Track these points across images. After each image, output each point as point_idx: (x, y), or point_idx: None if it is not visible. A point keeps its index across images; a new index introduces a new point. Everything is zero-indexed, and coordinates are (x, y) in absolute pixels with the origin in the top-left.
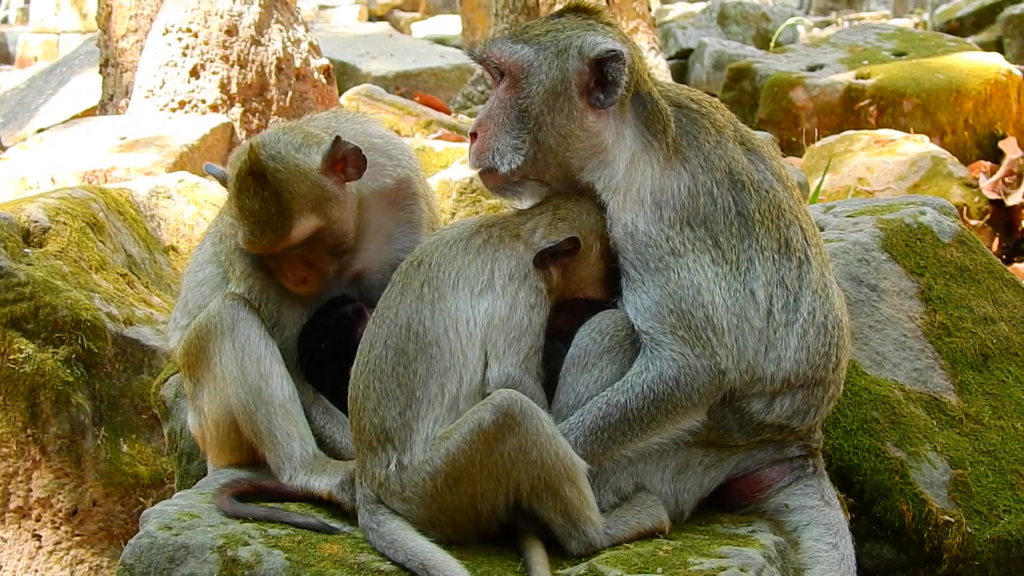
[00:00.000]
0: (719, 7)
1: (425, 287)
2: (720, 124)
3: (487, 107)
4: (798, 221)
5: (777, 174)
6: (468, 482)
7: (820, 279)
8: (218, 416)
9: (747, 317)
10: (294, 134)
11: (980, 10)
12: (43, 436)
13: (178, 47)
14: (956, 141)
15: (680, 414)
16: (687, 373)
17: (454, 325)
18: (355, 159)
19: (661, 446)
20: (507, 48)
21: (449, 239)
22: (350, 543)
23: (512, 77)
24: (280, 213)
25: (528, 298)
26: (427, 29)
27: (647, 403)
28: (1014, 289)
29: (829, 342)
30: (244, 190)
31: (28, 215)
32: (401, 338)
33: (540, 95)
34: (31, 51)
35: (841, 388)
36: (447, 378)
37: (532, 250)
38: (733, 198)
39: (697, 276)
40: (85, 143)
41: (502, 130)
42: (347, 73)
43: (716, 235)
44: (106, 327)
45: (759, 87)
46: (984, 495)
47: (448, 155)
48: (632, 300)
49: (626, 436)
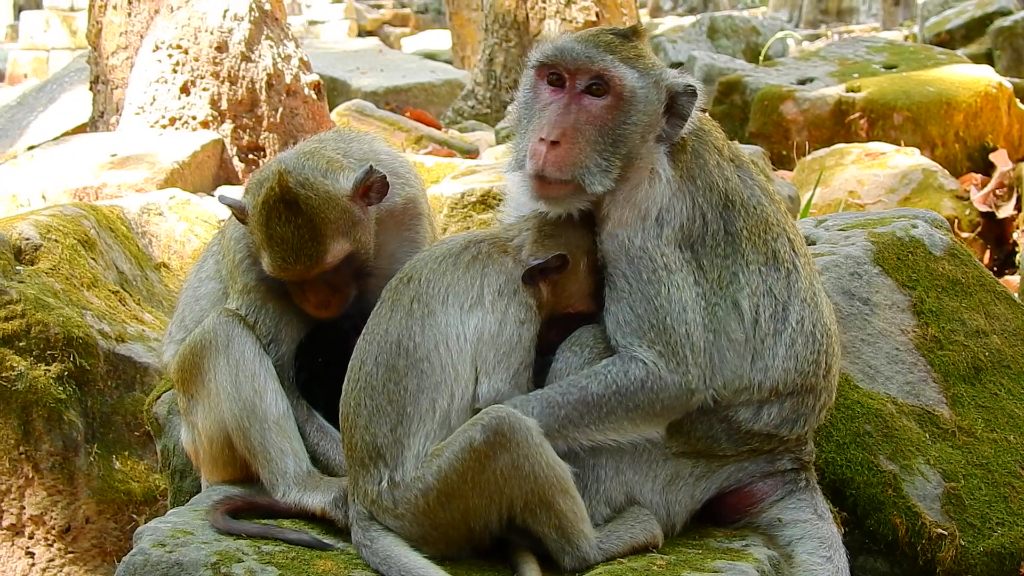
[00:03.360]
0: (709, 21)
1: (415, 303)
2: (719, 144)
3: (568, 115)
4: (785, 233)
5: (764, 188)
6: (460, 499)
7: (809, 288)
8: (212, 432)
9: (727, 332)
10: (316, 159)
11: (970, 23)
12: (36, 453)
13: (168, 64)
14: (947, 154)
15: (639, 416)
16: (655, 381)
17: (444, 341)
18: (380, 186)
19: (620, 446)
20: (620, 68)
21: (438, 255)
22: (344, 559)
23: (617, 98)
24: (313, 239)
25: (518, 314)
26: (417, 44)
27: (608, 392)
28: (1006, 302)
29: (818, 349)
30: (275, 217)
31: (19, 232)
32: (391, 354)
33: (640, 125)
34: (21, 68)
35: (833, 396)
36: (438, 394)
37: (520, 265)
38: (724, 220)
39: (685, 294)
40: (76, 160)
41: (593, 148)
42: (337, 89)
43: (701, 258)
44: (98, 344)
45: (749, 101)
46: (977, 508)
47: (439, 170)
48: (615, 312)
49: (582, 418)
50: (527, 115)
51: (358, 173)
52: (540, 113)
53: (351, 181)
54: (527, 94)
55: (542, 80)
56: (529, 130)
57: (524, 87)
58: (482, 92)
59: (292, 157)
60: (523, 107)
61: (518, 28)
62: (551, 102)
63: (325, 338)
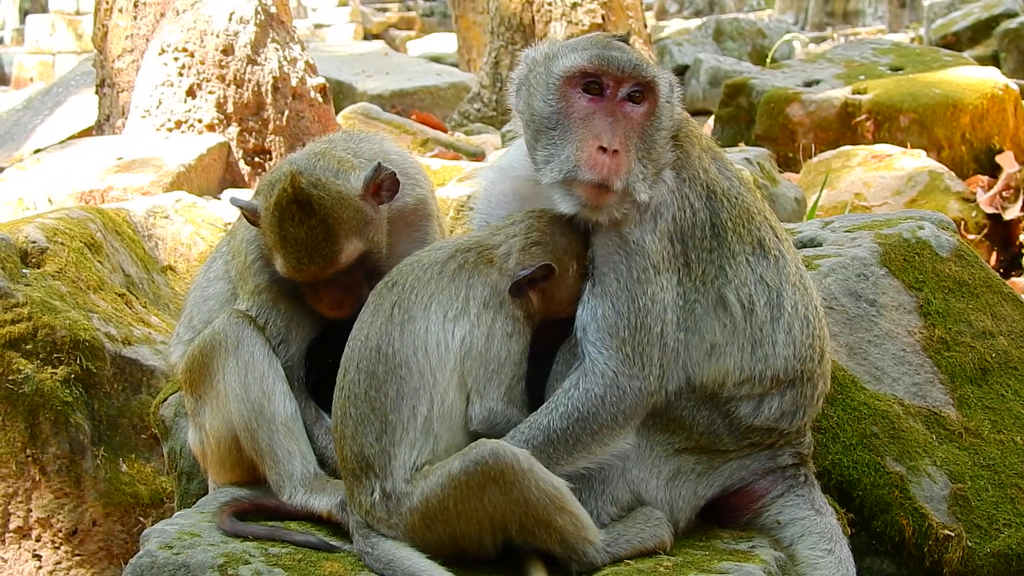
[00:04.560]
0: (715, 23)
1: (396, 309)
2: (698, 134)
3: (618, 124)
4: (767, 221)
5: (740, 178)
6: (446, 524)
7: (796, 272)
8: (219, 433)
9: (700, 331)
10: (327, 159)
11: (976, 24)
12: (42, 456)
13: (174, 67)
14: (953, 156)
15: (606, 434)
16: (613, 392)
17: (423, 347)
18: (390, 183)
19: (591, 470)
20: (659, 74)
21: (426, 263)
22: (350, 561)
23: (654, 104)
24: (328, 240)
25: (504, 327)
26: (423, 47)
27: (571, 423)
28: (1012, 303)
29: (812, 333)
30: (288, 218)
31: (26, 236)
32: (372, 361)
33: (667, 129)
34: (27, 72)
35: (828, 383)
36: (418, 400)
37: (506, 277)
38: (709, 211)
39: (668, 295)
40: (82, 164)
41: (635, 156)
42: (343, 92)
43: (689, 251)
44: (105, 347)
45: (755, 103)
46: (984, 509)
47: (445, 173)
48: (594, 305)
49: (551, 458)
50: (560, 124)
51: (367, 171)
52: (583, 122)
53: (362, 180)
54: (556, 103)
55: (575, 88)
56: (568, 139)
57: (548, 96)
58: (488, 95)
59: (303, 158)
60: (552, 116)
61: (524, 31)
62: (594, 111)
63: (335, 339)
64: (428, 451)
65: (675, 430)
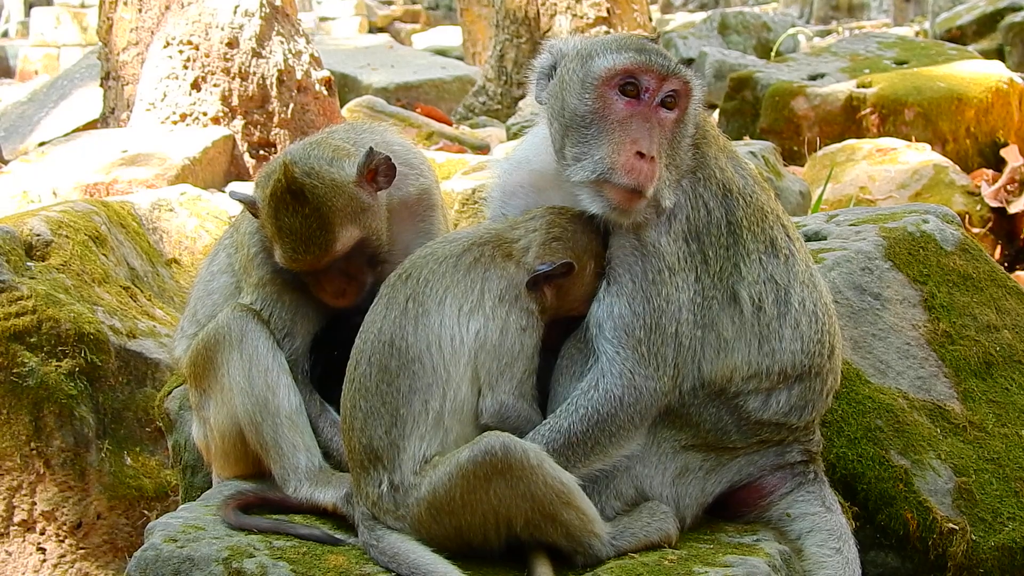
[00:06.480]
0: (720, 17)
1: (410, 302)
2: (715, 135)
3: (655, 129)
4: (780, 220)
5: (754, 177)
6: (452, 516)
7: (806, 270)
8: (224, 427)
9: (716, 327)
10: (322, 148)
11: (981, 18)
12: (47, 449)
13: (179, 60)
14: (958, 149)
15: (622, 436)
16: (631, 392)
17: (437, 342)
18: (386, 168)
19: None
20: (691, 74)
21: (440, 255)
22: (355, 555)
23: (683, 111)
24: (322, 228)
25: (519, 321)
26: (428, 41)
27: (590, 426)
28: (1017, 297)
29: (821, 328)
30: (282, 208)
31: (31, 228)
32: (384, 354)
33: (690, 136)
34: (32, 65)
35: (839, 379)
36: (430, 395)
37: (524, 271)
38: (725, 209)
39: (684, 295)
40: (87, 156)
41: (663, 162)
42: (348, 85)
43: (706, 249)
44: (109, 340)
45: (760, 97)
46: (988, 503)
47: (450, 166)
48: (609, 304)
49: (568, 461)
50: (595, 123)
51: (360, 157)
52: (620, 125)
53: (355, 167)
54: (592, 102)
55: (612, 89)
56: (603, 140)
57: (584, 94)
58: (493, 88)
59: (298, 148)
60: (587, 115)
61: (529, 24)
62: (632, 114)
63: (339, 331)
64: (438, 443)
65: (682, 427)
